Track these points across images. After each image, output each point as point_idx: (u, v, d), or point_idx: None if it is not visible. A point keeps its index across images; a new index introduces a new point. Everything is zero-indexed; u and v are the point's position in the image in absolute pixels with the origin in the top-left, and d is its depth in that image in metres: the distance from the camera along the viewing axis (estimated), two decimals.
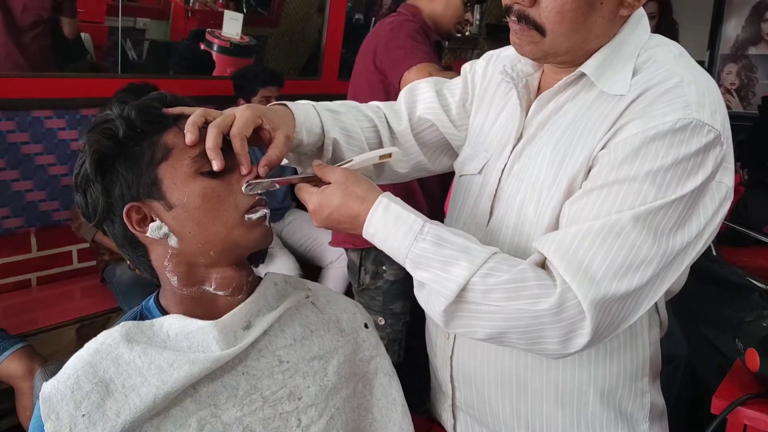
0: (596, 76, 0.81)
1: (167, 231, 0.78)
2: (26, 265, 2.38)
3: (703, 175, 0.74)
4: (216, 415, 0.75)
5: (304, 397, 0.81)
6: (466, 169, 0.99)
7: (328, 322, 0.89)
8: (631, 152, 0.74)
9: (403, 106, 1.04)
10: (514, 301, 0.73)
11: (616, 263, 0.72)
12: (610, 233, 0.72)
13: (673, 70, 0.78)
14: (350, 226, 0.81)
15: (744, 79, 4.50)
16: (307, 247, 2.69)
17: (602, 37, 0.81)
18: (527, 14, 0.79)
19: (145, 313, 0.84)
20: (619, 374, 0.90)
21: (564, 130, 0.84)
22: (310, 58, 3.62)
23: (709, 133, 0.74)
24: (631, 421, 0.93)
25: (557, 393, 0.90)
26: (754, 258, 2.63)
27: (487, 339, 0.78)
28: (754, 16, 4.42)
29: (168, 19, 3.40)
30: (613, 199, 0.74)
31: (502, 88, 0.98)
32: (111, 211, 0.79)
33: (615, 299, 0.72)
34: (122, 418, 0.70)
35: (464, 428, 1.03)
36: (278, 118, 0.85)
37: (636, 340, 0.90)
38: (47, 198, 2.34)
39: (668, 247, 0.73)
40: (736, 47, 4.49)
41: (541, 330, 0.73)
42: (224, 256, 0.80)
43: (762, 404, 1.12)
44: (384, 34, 1.80)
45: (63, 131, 2.34)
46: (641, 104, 0.77)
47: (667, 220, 0.73)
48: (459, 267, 0.75)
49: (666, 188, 0.72)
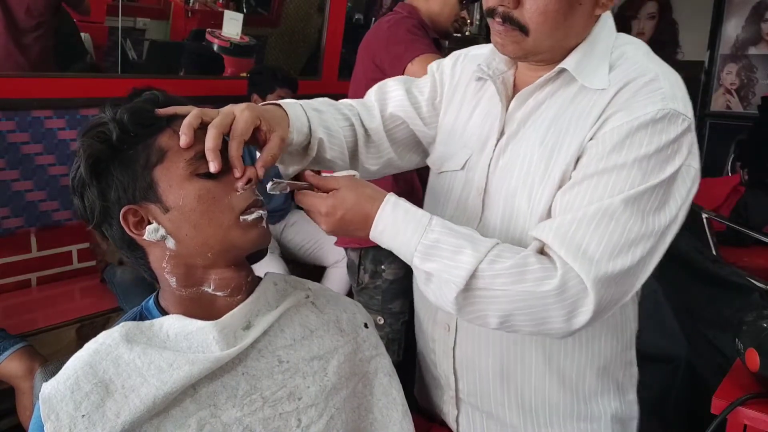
0: (577, 72, 0.86)
1: (164, 233, 0.78)
2: (26, 265, 2.38)
3: (679, 159, 0.81)
4: (216, 416, 0.75)
5: (304, 398, 0.81)
6: (447, 165, 1.01)
7: (328, 322, 0.89)
8: (618, 142, 0.80)
9: (375, 104, 1.06)
10: (519, 285, 0.77)
11: (611, 244, 0.78)
12: (604, 217, 0.78)
13: (646, 65, 0.85)
14: (360, 227, 0.84)
15: (744, 79, 4.50)
16: (309, 248, 2.69)
17: (579, 35, 0.87)
18: (512, 15, 0.83)
19: (144, 313, 0.85)
20: (613, 349, 0.97)
21: (550, 124, 0.88)
22: (310, 58, 3.62)
23: (683, 122, 0.81)
24: (623, 391, 1.00)
25: (559, 375, 0.95)
26: (754, 258, 2.63)
27: (497, 325, 0.81)
28: (754, 16, 4.42)
29: (168, 19, 3.40)
30: (604, 186, 0.79)
31: (473, 87, 1.02)
32: (108, 214, 0.79)
33: (614, 277, 0.77)
34: (122, 418, 0.70)
35: (467, 419, 1.04)
36: (275, 120, 0.86)
37: (623, 316, 0.98)
38: (47, 198, 2.33)
39: (654, 227, 0.80)
40: (736, 47, 4.49)
41: (547, 310, 0.78)
42: (222, 257, 0.80)
43: (762, 404, 1.12)
44: (382, 32, 1.80)
45: (63, 131, 2.34)
46: (623, 97, 0.82)
47: (652, 202, 0.79)
48: (466, 255, 0.79)
49: (650, 173, 0.79)
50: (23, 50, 2.51)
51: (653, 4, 4.85)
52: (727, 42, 4.52)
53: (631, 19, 4.96)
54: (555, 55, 0.87)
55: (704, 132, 4.71)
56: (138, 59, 3.22)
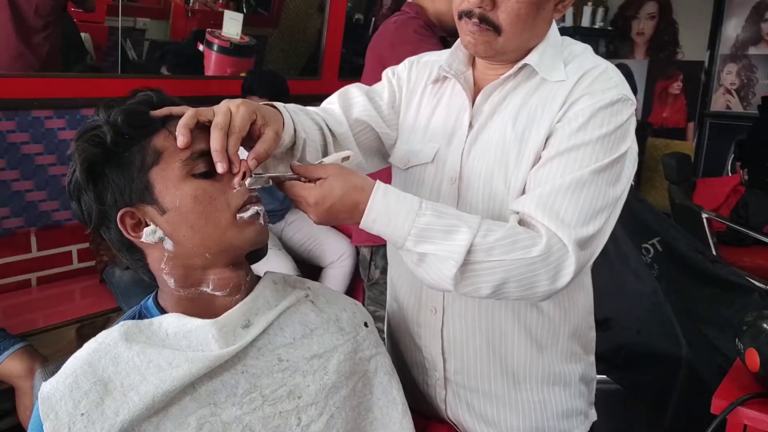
0: (540, 67, 0.96)
1: (162, 235, 0.78)
2: (26, 265, 2.37)
3: (630, 139, 0.93)
4: (215, 414, 0.75)
5: (304, 396, 0.81)
6: (415, 160, 1.07)
7: (327, 321, 0.89)
8: (584, 122, 0.90)
9: (339, 109, 1.10)
10: (512, 253, 0.84)
11: (584, 210, 0.88)
12: (577, 187, 0.88)
13: (594, 60, 0.98)
14: (349, 215, 0.85)
15: (744, 79, 4.50)
16: (308, 246, 2.69)
17: (539, 36, 0.97)
18: (487, 17, 0.92)
19: (144, 312, 0.84)
20: (580, 313, 1.06)
21: (517, 112, 0.97)
22: (310, 58, 3.62)
23: (632, 106, 0.93)
24: (587, 353, 1.11)
25: (539, 341, 1.03)
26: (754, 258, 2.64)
27: (489, 294, 0.87)
28: (754, 16, 4.42)
29: (168, 19, 3.40)
30: (574, 161, 0.89)
31: (429, 88, 1.09)
32: (106, 217, 0.79)
33: (587, 239, 0.88)
34: (121, 416, 0.70)
35: (454, 398, 1.08)
36: (269, 114, 0.87)
37: (585, 282, 1.08)
38: (47, 198, 2.33)
39: (614, 196, 0.91)
40: (736, 47, 4.49)
41: (535, 274, 0.85)
42: (220, 257, 0.80)
43: (762, 404, 1.12)
44: (389, 33, 1.80)
45: (63, 131, 2.34)
46: (584, 84, 0.93)
47: (611, 174, 0.90)
48: (461, 233, 0.83)
49: (611, 149, 0.90)
50: (33, 50, 2.52)
51: (653, 4, 4.86)
52: (727, 42, 4.52)
53: (631, 19, 4.96)
54: (518, 54, 0.97)
55: (704, 132, 4.71)
56: (138, 59, 3.22)
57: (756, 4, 4.36)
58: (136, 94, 0.84)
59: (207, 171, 0.79)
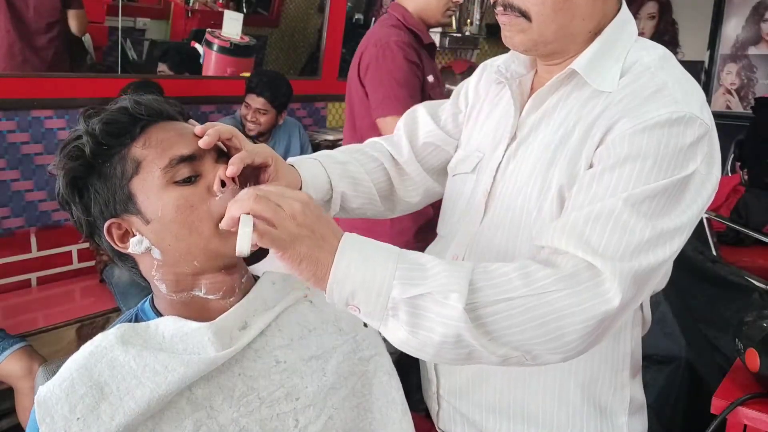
0: (587, 72, 0.84)
1: (149, 245, 0.78)
2: (26, 265, 2.38)
3: (693, 165, 0.76)
4: (212, 417, 0.75)
5: (302, 397, 0.81)
6: (459, 168, 1.02)
7: (326, 321, 0.89)
8: (628, 145, 0.76)
9: (404, 136, 1.09)
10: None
11: (622, 244, 0.73)
12: (611, 217, 0.74)
13: (658, 74, 0.82)
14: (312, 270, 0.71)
15: (744, 79, 4.50)
16: None
17: (588, 18, 0.84)
18: (511, 2, 0.82)
19: (140, 315, 0.84)
20: (599, 367, 0.92)
21: (557, 129, 0.86)
22: (310, 58, 3.62)
23: (701, 126, 0.77)
24: (611, 414, 0.94)
25: (539, 379, 0.92)
26: (754, 258, 2.63)
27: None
28: (754, 16, 4.42)
29: (168, 19, 3.40)
30: (615, 185, 0.76)
31: (493, 90, 1.02)
32: (95, 227, 0.79)
33: (642, 272, 0.73)
34: (116, 421, 0.70)
35: (447, 415, 1.04)
36: (287, 170, 0.88)
37: (618, 334, 0.92)
38: (47, 198, 2.34)
39: (663, 229, 0.75)
40: (736, 47, 4.49)
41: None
42: (209, 264, 0.79)
43: (762, 404, 1.12)
44: (372, 53, 1.77)
45: (63, 131, 2.34)
46: (631, 104, 0.79)
47: (662, 204, 0.75)
48: (456, 266, 0.73)
49: (666, 171, 0.75)
50: (38, 53, 2.52)
51: (653, 4, 4.85)
52: (727, 42, 4.52)
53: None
54: (564, 45, 0.85)
55: None
56: (138, 59, 3.22)
57: (756, 4, 4.36)
58: (133, 85, 0.83)
59: (190, 176, 0.77)
